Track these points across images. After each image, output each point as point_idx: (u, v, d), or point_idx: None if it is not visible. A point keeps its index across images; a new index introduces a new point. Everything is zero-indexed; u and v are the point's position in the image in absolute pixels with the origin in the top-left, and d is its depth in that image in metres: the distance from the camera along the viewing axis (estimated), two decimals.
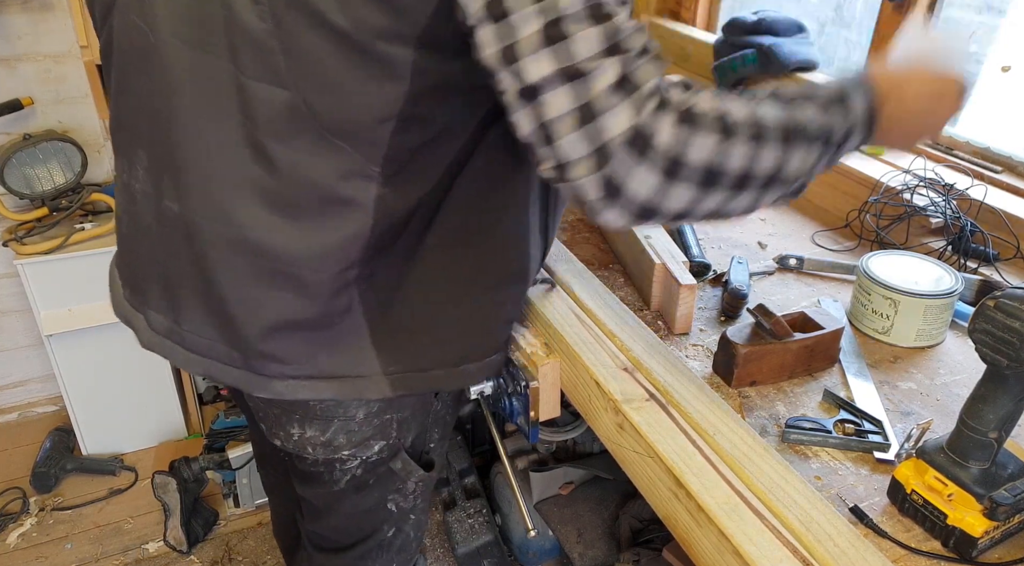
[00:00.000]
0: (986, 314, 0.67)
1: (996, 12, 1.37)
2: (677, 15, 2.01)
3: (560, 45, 0.64)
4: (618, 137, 0.65)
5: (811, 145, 0.73)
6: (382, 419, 1.00)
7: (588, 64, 0.64)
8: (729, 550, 0.71)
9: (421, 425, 1.07)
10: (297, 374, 0.90)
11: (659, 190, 0.67)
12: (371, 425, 1.00)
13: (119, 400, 2.21)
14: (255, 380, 0.91)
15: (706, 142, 0.66)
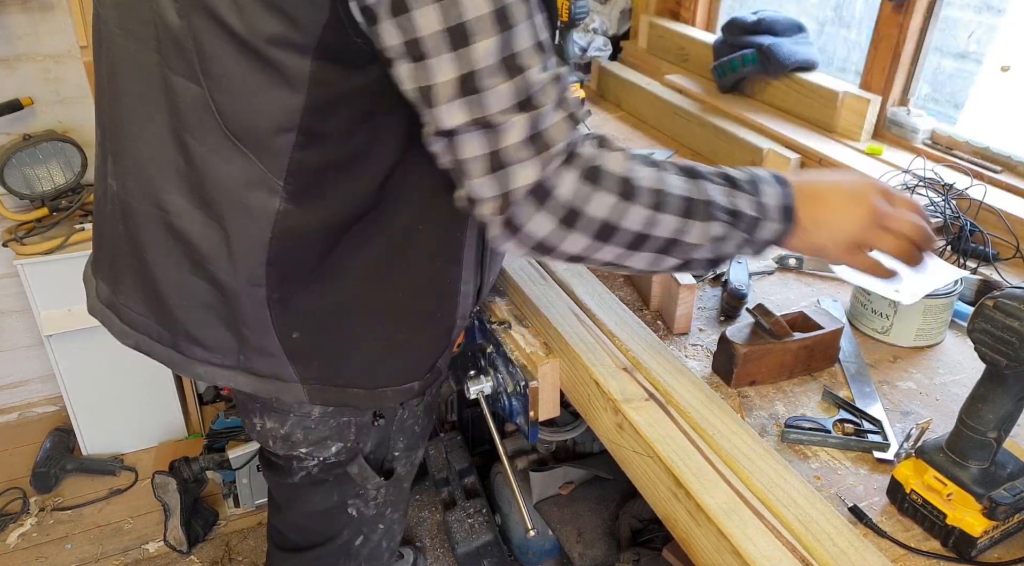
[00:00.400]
0: (985, 314, 0.67)
1: (995, 12, 1.37)
2: (677, 15, 2.01)
3: (474, 98, 0.67)
4: (523, 188, 0.70)
5: (713, 221, 0.76)
6: (339, 420, 1.00)
7: (500, 118, 0.68)
8: (728, 550, 0.71)
9: (383, 433, 1.07)
10: (219, 362, 0.92)
11: (555, 235, 0.73)
12: (327, 425, 1.00)
13: (119, 400, 2.21)
14: (179, 360, 0.93)
15: (606, 200, 0.72)
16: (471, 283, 0.95)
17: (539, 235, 0.73)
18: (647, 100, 1.80)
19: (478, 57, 0.66)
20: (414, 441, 1.15)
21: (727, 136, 1.54)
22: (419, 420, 1.14)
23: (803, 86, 1.54)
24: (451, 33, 0.65)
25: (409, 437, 1.13)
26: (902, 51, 1.41)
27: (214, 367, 0.92)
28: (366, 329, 0.90)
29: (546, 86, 0.69)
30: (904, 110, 1.45)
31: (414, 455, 1.18)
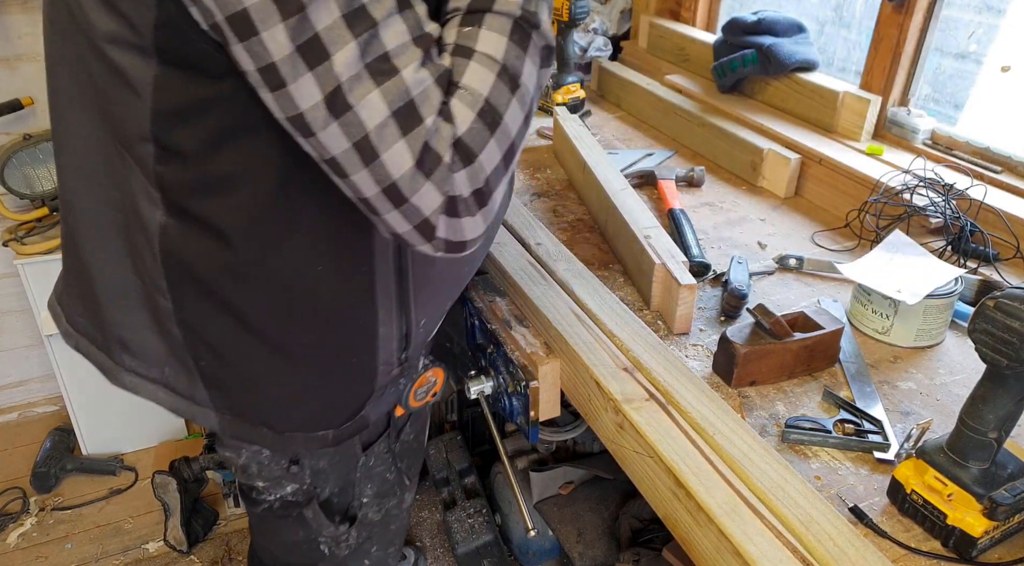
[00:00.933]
0: (986, 314, 0.67)
1: (996, 12, 1.37)
2: (677, 15, 2.01)
3: (347, 117, 0.61)
4: (434, 214, 0.66)
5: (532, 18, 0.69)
6: (290, 462, 0.97)
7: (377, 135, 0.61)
8: (729, 550, 0.71)
9: (344, 479, 1.03)
10: (144, 373, 0.88)
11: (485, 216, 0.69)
12: (280, 465, 0.97)
13: (119, 400, 2.20)
14: (110, 366, 0.90)
15: (489, 149, 0.66)
16: (392, 325, 0.86)
17: (480, 231, 0.70)
18: (647, 100, 1.80)
19: (340, 70, 0.59)
20: (387, 488, 1.09)
21: (727, 136, 1.54)
22: (392, 467, 1.08)
23: (803, 86, 1.54)
24: (305, 50, 0.58)
25: (380, 484, 1.08)
26: (902, 51, 1.41)
27: (140, 378, 0.88)
28: (271, 371, 0.84)
29: (430, 87, 0.63)
30: (904, 110, 1.45)
31: (390, 502, 1.12)
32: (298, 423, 0.89)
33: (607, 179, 1.30)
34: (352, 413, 0.91)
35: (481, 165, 0.66)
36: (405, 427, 1.07)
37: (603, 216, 1.29)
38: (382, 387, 0.91)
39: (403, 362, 0.91)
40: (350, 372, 0.87)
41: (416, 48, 0.62)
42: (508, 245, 1.20)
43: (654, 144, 1.70)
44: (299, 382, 0.86)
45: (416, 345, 0.92)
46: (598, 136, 1.70)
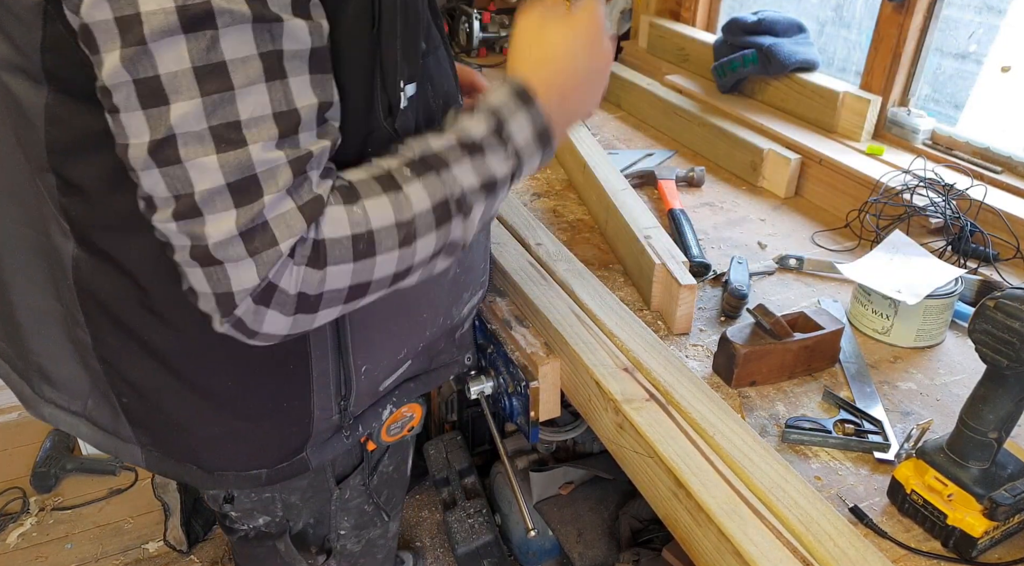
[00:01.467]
0: (986, 314, 0.67)
1: (996, 12, 1.37)
2: (677, 15, 2.01)
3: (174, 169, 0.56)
4: (242, 291, 0.59)
5: (474, 207, 0.69)
6: (261, 495, 0.94)
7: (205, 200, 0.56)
8: (729, 550, 0.71)
9: (318, 513, 1.00)
10: (65, 406, 0.84)
11: (299, 323, 0.64)
12: (250, 498, 0.94)
13: None
14: (29, 396, 0.86)
15: (343, 271, 0.62)
16: (327, 369, 0.81)
17: (280, 332, 0.63)
18: (647, 100, 1.80)
19: (176, 121, 0.54)
20: (366, 520, 1.06)
21: (727, 136, 1.54)
22: (369, 499, 1.04)
23: (803, 86, 1.54)
24: (141, 87, 0.53)
25: (358, 516, 1.05)
26: (902, 51, 1.41)
27: (60, 410, 0.84)
28: (195, 413, 0.79)
29: (280, 168, 0.57)
30: (904, 110, 1.45)
31: (371, 533, 1.09)
32: (227, 462, 0.84)
33: (607, 179, 1.30)
34: (287, 455, 0.86)
35: (324, 278, 0.62)
36: (383, 460, 1.04)
37: (603, 216, 1.29)
38: (323, 432, 0.86)
39: (344, 409, 0.86)
40: (281, 417, 0.82)
41: (275, 125, 0.57)
42: (508, 245, 1.20)
43: (654, 144, 1.70)
44: (226, 425, 0.81)
45: (360, 395, 0.86)
46: (598, 136, 1.70)
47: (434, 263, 0.70)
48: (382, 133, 0.71)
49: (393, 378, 0.91)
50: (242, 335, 0.63)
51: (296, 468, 0.87)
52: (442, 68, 0.81)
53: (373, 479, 1.03)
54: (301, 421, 0.83)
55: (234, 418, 0.81)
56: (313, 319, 0.64)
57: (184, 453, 0.83)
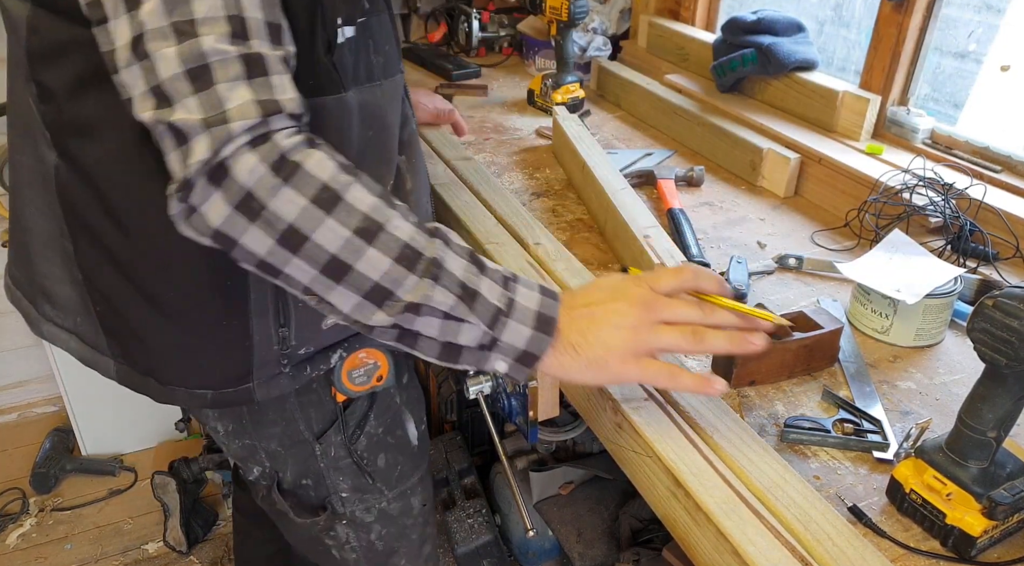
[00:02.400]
0: (985, 313, 0.67)
1: (995, 12, 1.37)
2: (676, 15, 2.01)
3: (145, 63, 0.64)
4: (196, 163, 0.64)
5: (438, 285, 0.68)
6: (243, 441, 1.00)
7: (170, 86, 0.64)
8: (728, 550, 0.71)
9: (303, 466, 1.03)
10: (59, 322, 0.92)
11: (233, 223, 0.66)
12: (236, 444, 1.01)
13: (119, 400, 2.21)
14: (33, 316, 0.95)
15: (294, 199, 0.65)
16: (265, 295, 0.85)
17: (215, 220, 0.66)
18: (647, 100, 1.80)
19: (144, 18, 0.63)
20: (367, 485, 1.07)
21: (727, 136, 1.54)
22: (363, 462, 1.05)
23: (803, 86, 1.54)
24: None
25: (355, 479, 1.06)
26: (902, 51, 1.41)
27: (56, 327, 0.92)
28: (150, 322, 0.86)
29: (230, 60, 0.64)
30: (904, 110, 1.45)
31: (380, 502, 1.09)
32: (178, 377, 0.90)
33: (606, 179, 1.30)
34: (232, 378, 0.90)
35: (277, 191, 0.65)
36: (367, 419, 1.04)
37: (602, 216, 1.29)
38: (266, 363, 0.90)
39: (283, 340, 0.89)
40: (221, 334, 0.87)
41: (226, 25, 0.64)
42: (507, 245, 1.20)
43: (654, 144, 1.70)
44: (174, 336, 0.87)
45: (300, 326, 0.89)
46: (597, 136, 1.70)
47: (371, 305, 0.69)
48: (320, 66, 0.78)
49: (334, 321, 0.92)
50: (183, 210, 0.66)
51: (240, 396, 0.91)
52: (384, 31, 0.88)
53: (359, 439, 1.04)
54: (242, 344, 0.88)
55: (182, 332, 0.87)
56: (243, 231, 0.66)
57: (145, 366, 0.90)
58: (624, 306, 0.75)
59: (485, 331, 0.71)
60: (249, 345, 0.88)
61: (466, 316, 0.70)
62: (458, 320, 0.70)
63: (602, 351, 0.74)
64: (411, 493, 1.13)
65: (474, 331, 0.71)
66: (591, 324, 0.74)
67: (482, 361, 0.73)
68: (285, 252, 0.67)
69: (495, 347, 0.73)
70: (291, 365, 0.92)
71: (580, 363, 0.74)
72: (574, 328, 0.74)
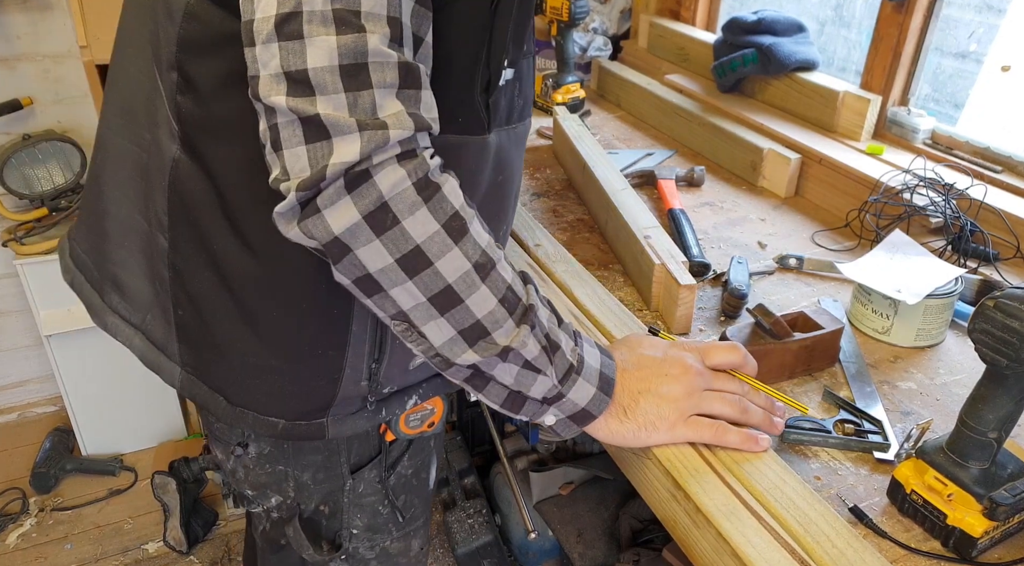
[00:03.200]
0: (986, 314, 0.66)
1: (996, 12, 1.37)
2: (677, 15, 2.00)
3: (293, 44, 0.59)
4: (339, 164, 0.60)
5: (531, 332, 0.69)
6: (275, 468, 0.94)
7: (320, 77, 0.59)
8: (727, 551, 0.70)
9: (330, 499, 0.99)
10: (126, 317, 0.88)
11: (355, 233, 0.62)
12: (264, 470, 0.95)
13: (119, 400, 2.21)
14: (98, 305, 0.90)
15: (429, 222, 0.63)
16: (365, 326, 0.82)
17: (337, 227, 0.62)
18: (647, 100, 1.80)
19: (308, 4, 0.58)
20: (380, 523, 1.03)
21: (727, 136, 1.54)
22: (384, 499, 1.02)
23: (803, 86, 1.54)
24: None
25: (371, 517, 1.02)
26: (902, 51, 1.41)
27: (122, 321, 0.88)
28: (238, 337, 0.81)
29: (389, 65, 0.60)
30: (904, 110, 1.45)
31: (385, 540, 1.05)
32: (252, 400, 0.85)
33: (607, 179, 1.30)
34: (309, 411, 0.87)
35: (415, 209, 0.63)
36: (402, 459, 1.02)
37: (603, 216, 1.29)
38: (347, 399, 0.86)
39: (373, 375, 0.86)
40: (313, 363, 0.83)
41: (388, 26, 0.60)
42: (507, 246, 1.20)
43: (654, 144, 1.70)
44: (260, 357, 0.82)
45: (392, 363, 0.86)
46: (598, 136, 1.70)
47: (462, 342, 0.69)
48: (474, 105, 0.74)
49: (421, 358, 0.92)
50: (299, 210, 0.63)
51: (313, 431, 0.87)
52: (531, 73, 0.85)
53: (390, 477, 1.02)
54: (331, 375, 0.84)
55: (273, 354, 0.82)
56: (363, 243, 0.62)
57: (216, 381, 0.85)
58: (678, 374, 0.78)
59: (554, 385, 0.72)
60: (338, 378, 0.84)
61: (545, 368, 0.71)
62: (536, 371, 0.70)
63: (654, 418, 0.77)
64: (413, 535, 1.10)
65: (546, 384, 0.72)
66: (644, 391, 0.77)
67: (538, 413, 0.75)
68: (400, 273, 0.64)
69: (556, 402, 0.73)
70: (373, 403, 0.89)
71: (629, 427, 0.77)
72: (627, 392, 0.76)
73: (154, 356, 0.87)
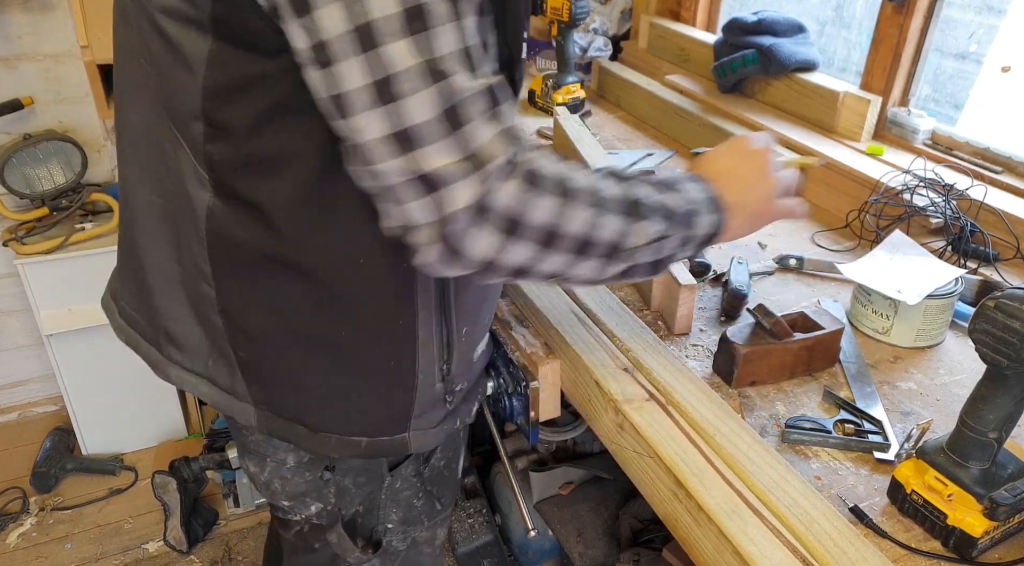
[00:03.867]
0: (986, 314, 0.67)
1: (996, 13, 1.37)
2: (677, 15, 2.01)
3: (391, 107, 0.61)
4: (461, 209, 0.64)
5: (650, 219, 0.74)
6: (315, 475, 0.95)
7: (424, 131, 0.61)
8: (729, 550, 0.71)
9: (369, 499, 1.00)
10: (189, 366, 0.88)
11: (497, 248, 0.67)
12: (304, 479, 0.95)
13: (119, 400, 2.21)
14: (158, 359, 0.91)
15: (547, 203, 0.67)
16: (431, 329, 0.84)
17: (481, 254, 0.67)
18: (647, 100, 1.80)
19: (391, 60, 0.60)
20: (414, 515, 1.05)
21: (727, 136, 1.54)
22: (420, 492, 1.03)
23: (804, 86, 1.54)
24: (358, 33, 0.59)
25: (407, 510, 1.04)
26: (902, 51, 1.41)
27: (185, 371, 0.89)
28: (306, 365, 0.83)
29: (475, 96, 0.63)
30: (904, 110, 1.45)
31: (416, 530, 1.07)
32: (332, 423, 0.87)
33: None
34: (390, 426, 0.89)
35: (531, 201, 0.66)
36: (435, 452, 1.03)
37: None
38: (425, 404, 0.89)
39: (445, 376, 0.89)
40: (387, 375, 0.85)
41: (465, 60, 0.63)
42: None
43: (654, 144, 1.70)
44: (333, 379, 0.84)
45: (460, 359, 0.89)
46: (598, 136, 1.70)
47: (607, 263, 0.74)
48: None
49: (483, 346, 0.95)
50: (445, 257, 0.67)
51: (396, 446, 0.90)
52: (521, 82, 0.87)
53: (426, 470, 1.03)
54: (406, 383, 0.86)
55: (342, 372, 0.84)
56: (506, 250, 0.67)
57: (292, 411, 0.86)
58: (756, 160, 0.86)
59: (686, 236, 0.77)
60: (413, 384, 0.86)
61: (671, 231, 0.76)
62: (662, 238, 0.75)
63: (763, 202, 0.85)
64: (441, 524, 1.12)
65: (675, 240, 0.77)
66: (742, 185, 0.83)
67: (674, 258, 0.80)
68: (543, 251, 0.69)
69: (689, 242, 0.79)
70: (452, 403, 0.92)
71: (745, 220, 0.84)
72: (729, 192, 0.81)
73: (224, 400, 0.87)
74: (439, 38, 0.61)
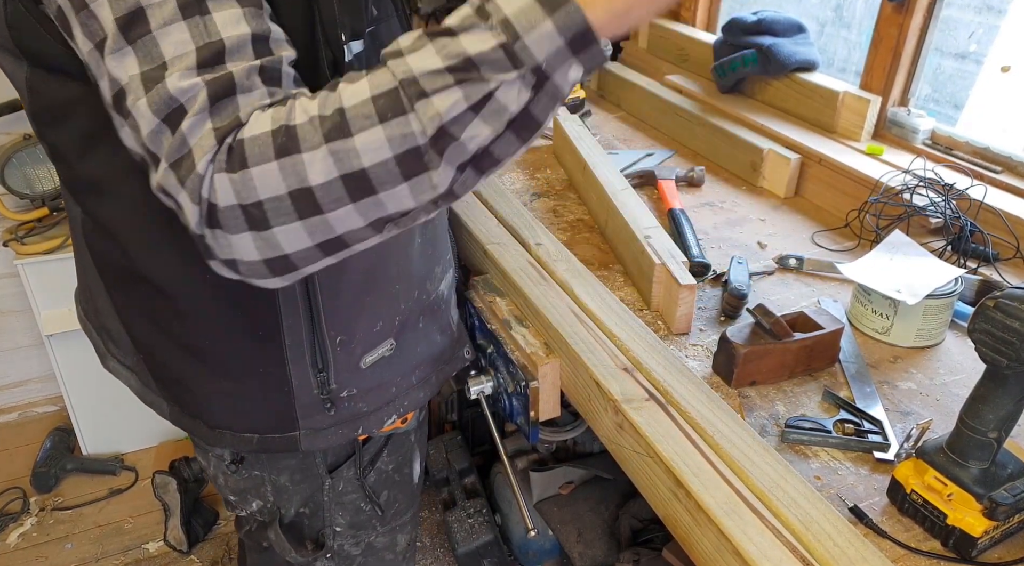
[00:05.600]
0: (986, 314, 0.67)
1: (996, 12, 1.37)
2: (677, 15, 2.01)
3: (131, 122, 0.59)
4: (195, 224, 0.59)
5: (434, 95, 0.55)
6: (251, 474, 0.97)
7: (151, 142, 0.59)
8: (729, 550, 0.71)
9: (310, 501, 1.00)
10: (121, 359, 0.93)
11: (264, 243, 0.59)
12: (242, 476, 0.97)
13: (119, 400, 2.20)
14: (102, 351, 0.96)
15: (269, 170, 0.57)
16: (301, 339, 0.84)
17: (252, 254, 0.60)
18: (647, 100, 1.80)
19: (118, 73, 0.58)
20: (363, 520, 1.04)
21: (727, 136, 1.54)
22: (365, 498, 1.03)
23: (803, 86, 1.54)
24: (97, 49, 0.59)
25: (354, 514, 1.03)
26: (902, 51, 1.41)
27: (119, 364, 0.94)
28: (190, 370, 0.87)
29: (195, 94, 0.57)
30: (904, 110, 1.45)
31: (370, 536, 1.07)
32: (224, 420, 0.90)
33: (607, 179, 1.30)
34: (277, 425, 0.89)
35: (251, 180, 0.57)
36: (381, 455, 1.03)
37: (603, 216, 1.29)
38: (307, 408, 0.88)
39: (323, 383, 0.88)
40: (261, 380, 0.86)
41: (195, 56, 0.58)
42: (508, 245, 1.20)
43: (654, 144, 1.70)
44: (215, 382, 0.87)
45: (340, 368, 0.87)
46: (598, 136, 1.70)
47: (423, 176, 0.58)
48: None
49: (375, 355, 0.92)
50: (224, 267, 0.63)
51: (287, 444, 0.90)
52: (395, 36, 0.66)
53: (369, 474, 1.03)
54: (281, 389, 0.87)
55: (222, 377, 0.87)
56: (274, 238, 0.59)
57: (192, 409, 0.90)
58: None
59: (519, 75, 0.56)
60: (288, 390, 0.87)
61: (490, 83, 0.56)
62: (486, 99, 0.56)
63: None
64: (399, 530, 1.12)
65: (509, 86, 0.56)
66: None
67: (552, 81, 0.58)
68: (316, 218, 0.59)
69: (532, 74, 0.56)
70: (336, 409, 0.91)
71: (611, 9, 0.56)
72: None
73: (147, 394, 0.93)
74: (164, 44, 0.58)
